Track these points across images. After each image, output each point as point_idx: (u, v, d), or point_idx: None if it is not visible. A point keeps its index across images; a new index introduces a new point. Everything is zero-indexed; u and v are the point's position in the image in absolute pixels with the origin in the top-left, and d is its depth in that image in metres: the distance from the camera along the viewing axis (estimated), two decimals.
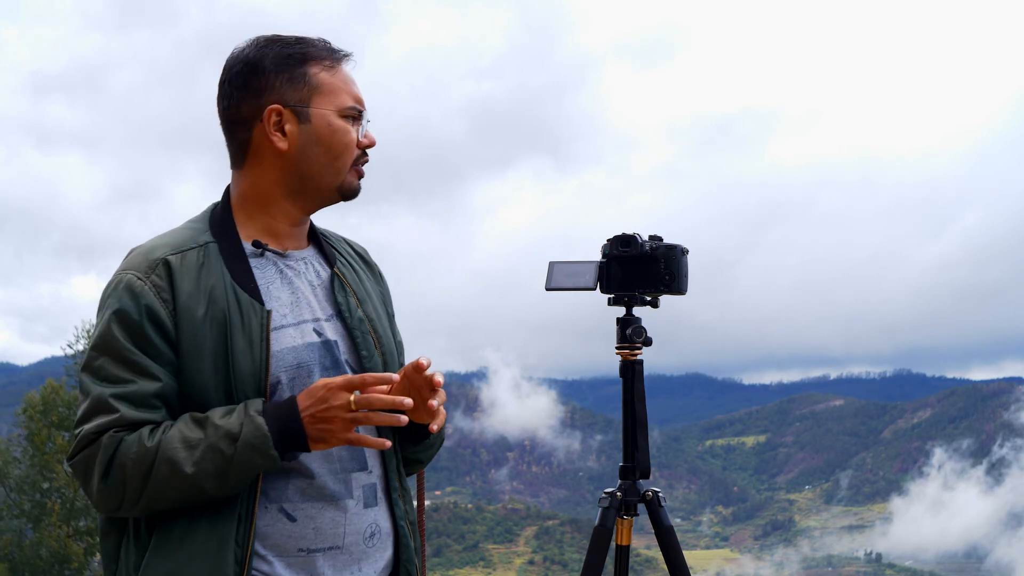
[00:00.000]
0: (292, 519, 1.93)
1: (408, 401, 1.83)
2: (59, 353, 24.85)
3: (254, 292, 1.93)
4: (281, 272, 2.01)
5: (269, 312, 1.92)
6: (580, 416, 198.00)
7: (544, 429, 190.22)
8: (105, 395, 1.81)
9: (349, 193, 2.04)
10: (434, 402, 1.93)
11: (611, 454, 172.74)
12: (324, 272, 2.08)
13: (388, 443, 1.89)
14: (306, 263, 2.06)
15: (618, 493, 2.85)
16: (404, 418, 1.87)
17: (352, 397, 1.83)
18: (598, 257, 2.82)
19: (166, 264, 1.89)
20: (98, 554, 23.64)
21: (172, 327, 1.86)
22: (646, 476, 2.86)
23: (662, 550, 2.82)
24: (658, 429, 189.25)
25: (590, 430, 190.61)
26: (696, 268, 2.80)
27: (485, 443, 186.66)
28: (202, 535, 1.86)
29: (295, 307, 1.99)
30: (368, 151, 2.05)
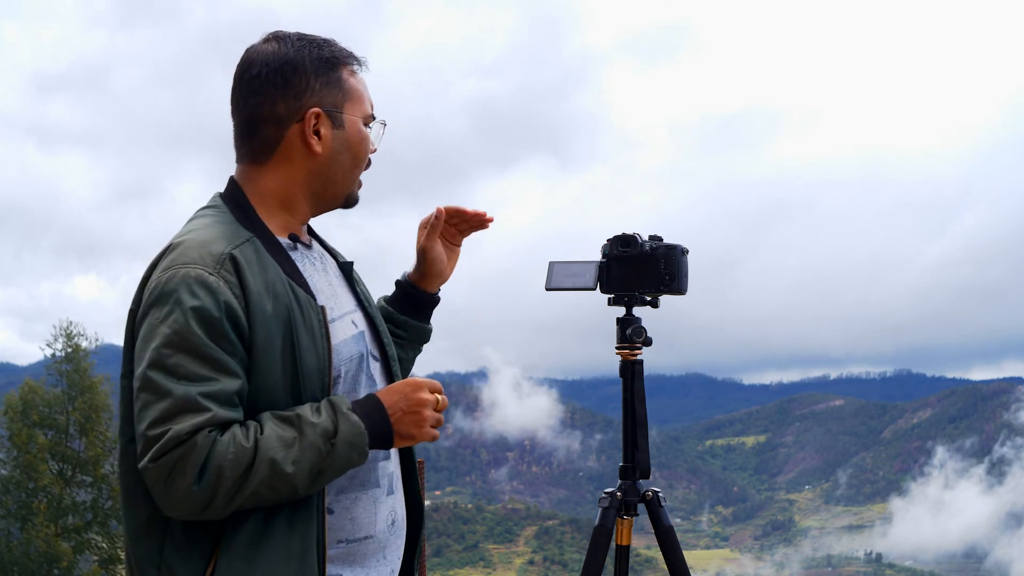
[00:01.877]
0: (331, 511, 1.93)
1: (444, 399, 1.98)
2: (46, 353, 24.67)
3: (306, 287, 1.93)
4: (314, 265, 2.03)
5: (323, 307, 1.92)
6: (580, 416, 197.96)
7: (544, 429, 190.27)
8: (193, 393, 1.74)
9: (353, 202, 2.08)
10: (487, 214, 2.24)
11: (611, 454, 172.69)
12: (333, 266, 2.11)
13: (438, 433, 1.98)
14: (323, 258, 2.08)
15: (618, 493, 2.86)
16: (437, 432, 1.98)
17: (440, 397, 1.92)
18: (598, 257, 2.83)
19: (233, 259, 1.84)
20: (88, 552, 23.64)
21: (247, 324, 1.81)
22: (646, 476, 2.86)
23: (662, 550, 2.82)
24: (658, 429, 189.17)
25: (590, 430, 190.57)
26: (698, 268, 2.81)
27: (485, 443, 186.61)
28: (283, 537, 1.83)
29: (335, 300, 2.01)
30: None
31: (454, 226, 2.30)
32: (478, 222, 2.30)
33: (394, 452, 2.07)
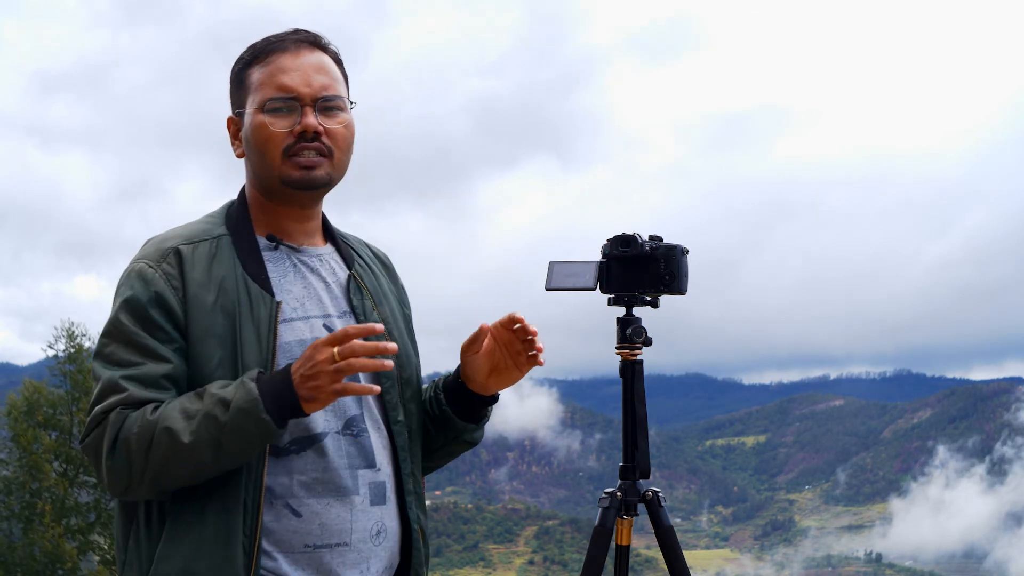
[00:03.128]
0: (297, 515, 1.94)
1: (392, 345, 1.85)
2: (47, 354, 24.73)
3: (264, 284, 1.98)
4: (295, 266, 2.05)
5: (278, 303, 1.96)
6: (580, 416, 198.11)
7: (544, 429, 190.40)
8: (115, 377, 1.85)
9: (292, 183, 2.01)
10: (539, 343, 2.09)
11: (611, 454, 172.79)
12: (342, 272, 2.12)
13: (378, 388, 1.86)
14: (322, 260, 2.10)
15: (618, 493, 2.83)
16: (389, 363, 1.87)
17: (335, 349, 1.83)
18: (598, 257, 2.80)
19: (177, 253, 1.96)
20: (92, 552, 23.73)
21: (181, 313, 1.91)
22: (646, 476, 2.84)
23: (662, 550, 2.80)
24: (658, 429, 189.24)
25: (590, 430, 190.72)
26: (700, 268, 2.79)
27: (485, 443, 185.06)
28: (211, 527, 1.88)
29: (306, 301, 2.03)
30: (317, 138, 2.01)
31: (520, 343, 2.12)
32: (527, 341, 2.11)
33: (385, 463, 2.05)
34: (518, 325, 2.06)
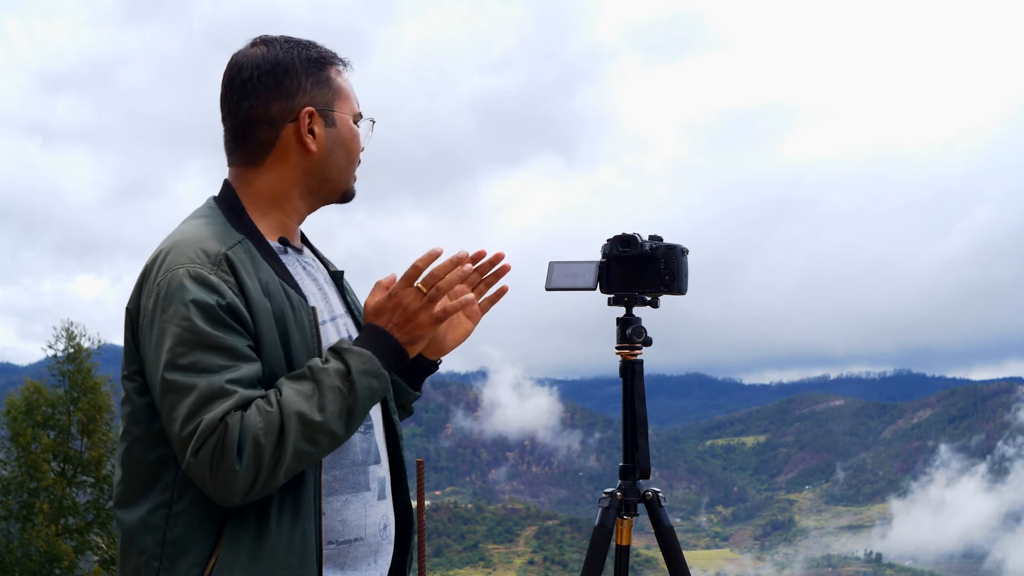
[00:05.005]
0: (322, 512, 1.96)
1: (464, 253, 1.95)
2: (47, 353, 24.67)
3: (297, 288, 1.97)
4: (304, 269, 2.07)
5: (314, 308, 1.97)
6: (580, 416, 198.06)
7: (544, 429, 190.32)
8: (220, 382, 1.78)
9: (350, 197, 2.12)
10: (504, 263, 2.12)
11: (611, 454, 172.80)
12: (324, 272, 2.14)
13: (472, 296, 1.98)
14: (313, 261, 2.12)
15: (618, 493, 2.85)
16: (469, 266, 1.96)
17: (417, 284, 1.92)
18: (599, 257, 2.82)
19: (228, 259, 1.89)
20: (90, 552, 23.69)
21: (250, 320, 1.86)
22: (646, 476, 2.86)
23: (662, 550, 2.82)
24: (658, 429, 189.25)
25: (590, 430, 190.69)
26: (704, 267, 2.81)
27: (485, 443, 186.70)
28: (285, 533, 1.87)
29: (326, 303, 2.06)
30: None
31: (473, 289, 2.15)
32: (492, 272, 2.14)
33: (384, 458, 2.09)
34: (468, 265, 1.98)
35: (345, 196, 2.10)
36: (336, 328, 2.04)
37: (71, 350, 24.22)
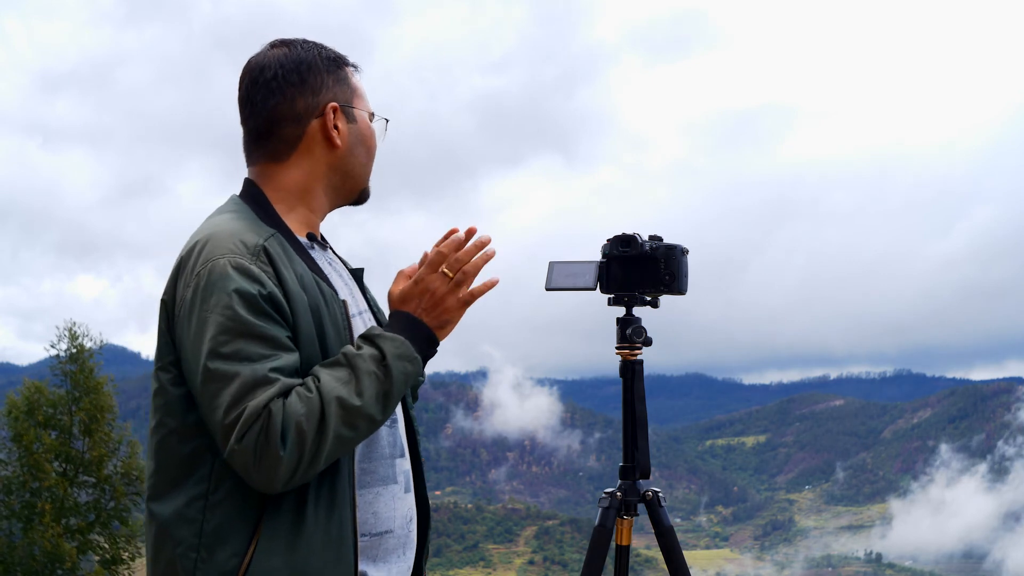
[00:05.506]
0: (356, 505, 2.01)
1: (488, 235, 2.00)
2: (49, 353, 24.69)
3: (328, 282, 2.02)
4: (330, 264, 2.11)
5: (345, 302, 2.02)
6: (580, 416, 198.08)
7: (544, 429, 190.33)
8: (263, 370, 1.81)
9: (366, 196, 2.18)
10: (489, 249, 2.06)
11: (611, 454, 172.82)
12: (345, 270, 2.19)
13: (497, 279, 2.02)
14: (336, 259, 2.17)
15: (618, 493, 2.84)
16: (492, 250, 2.00)
17: (443, 269, 1.98)
18: (599, 257, 2.81)
19: (266, 250, 1.92)
20: (92, 552, 23.70)
21: (289, 311, 1.89)
22: (646, 476, 2.85)
23: (662, 550, 2.81)
24: (658, 429, 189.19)
25: (590, 430, 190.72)
26: (704, 267, 2.80)
27: (485, 443, 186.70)
28: (322, 523, 1.90)
29: (352, 298, 2.09)
30: None
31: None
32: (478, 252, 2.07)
33: (407, 452, 2.14)
34: (492, 248, 2.04)
35: (362, 195, 2.16)
36: (363, 322, 2.08)
37: (73, 350, 24.27)
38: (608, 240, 2.81)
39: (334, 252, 2.20)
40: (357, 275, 2.20)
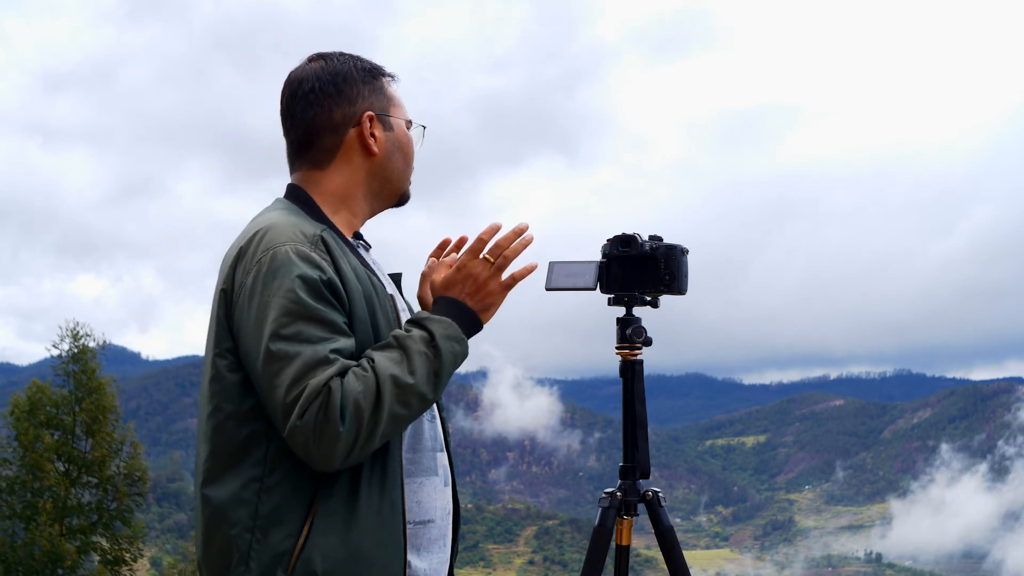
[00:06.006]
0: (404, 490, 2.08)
1: (525, 223, 2.12)
2: (51, 353, 24.70)
3: (377, 277, 2.13)
4: (374, 263, 2.22)
5: (392, 296, 2.14)
6: (580, 416, 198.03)
7: (544, 429, 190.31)
8: (324, 351, 1.90)
9: (406, 199, 2.29)
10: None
11: (611, 454, 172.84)
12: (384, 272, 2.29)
13: (536, 263, 2.14)
14: (376, 261, 2.27)
15: (618, 493, 2.84)
16: (530, 236, 2.12)
17: (483, 255, 2.09)
18: (599, 257, 2.80)
19: (323, 239, 2.02)
20: (93, 552, 23.75)
21: (346, 298, 1.99)
22: (646, 476, 2.85)
23: (662, 550, 2.81)
24: (658, 429, 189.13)
25: (590, 430, 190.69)
26: (705, 267, 2.79)
27: (485, 443, 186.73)
28: (375, 503, 1.98)
29: (396, 296, 2.19)
30: None
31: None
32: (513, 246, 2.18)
33: (444, 448, 2.22)
34: (530, 234, 2.15)
35: (402, 199, 2.27)
36: (405, 318, 2.15)
37: (75, 350, 24.29)
38: (608, 240, 2.80)
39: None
40: (396, 279, 2.29)
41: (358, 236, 2.23)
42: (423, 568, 2.10)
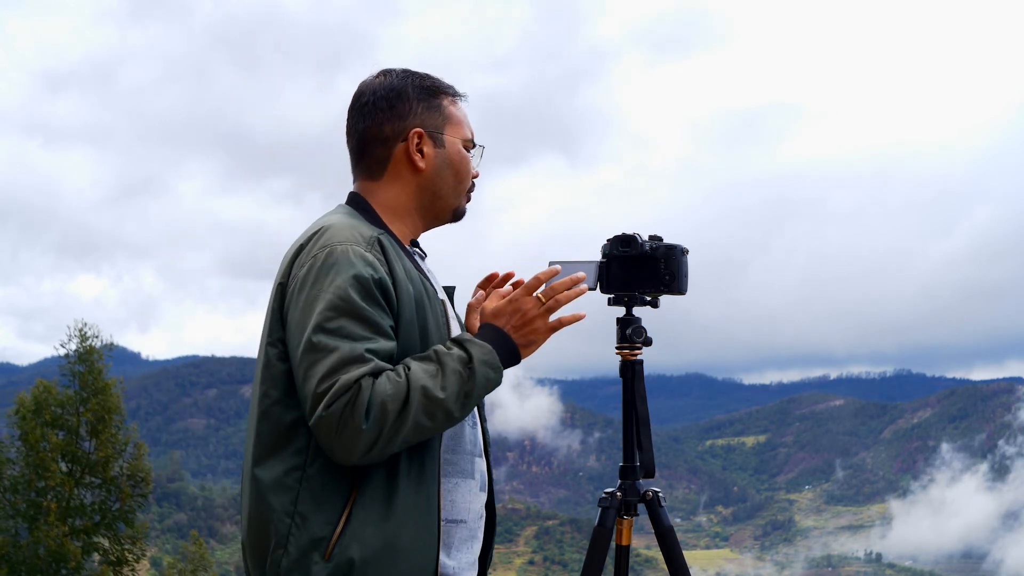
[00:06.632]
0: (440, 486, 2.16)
1: (582, 274, 2.22)
2: (58, 352, 24.78)
3: (430, 282, 2.23)
4: (429, 272, 2.32)
5: (444, 302, 2.23)
6: (580, 416, 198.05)
7: (544, 429, 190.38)
8: (360, 349, 1.98)
9: (460, 215, 2.36)
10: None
11: (611, 454, 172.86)
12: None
13: (584, 314, 2.22)
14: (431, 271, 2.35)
15: (618, 493, 2.85)
16: (585, 287, 2.23)
17: (537, 294, 2.18)
18: (599, 257, 2.80)
19: (380, 242, 2.12)
20: (96, 552, 23.83)
21: (395, 299, 2.08)
22: (651, 475, 2.87)
23: (662, 550, 2.80)
24: (658, 429, 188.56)
25: (590, 430, 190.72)
26: (706, 267, 2.81)
27: None
28: (411, 495, 2.06)
29: (447, 304, 2.28)
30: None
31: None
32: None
33: (483, 455, 2.30)
34: (585, 286, 2.27)
35: (456, 214, 2.35)
36: (455, 329, 2.26)
37: (82, 350, 24.33)
38: (608, 240, 2.79)
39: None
40: (448, 292, 2.36)
41: (415, 244, 2.32)
42: (452, 566, 2.15)
